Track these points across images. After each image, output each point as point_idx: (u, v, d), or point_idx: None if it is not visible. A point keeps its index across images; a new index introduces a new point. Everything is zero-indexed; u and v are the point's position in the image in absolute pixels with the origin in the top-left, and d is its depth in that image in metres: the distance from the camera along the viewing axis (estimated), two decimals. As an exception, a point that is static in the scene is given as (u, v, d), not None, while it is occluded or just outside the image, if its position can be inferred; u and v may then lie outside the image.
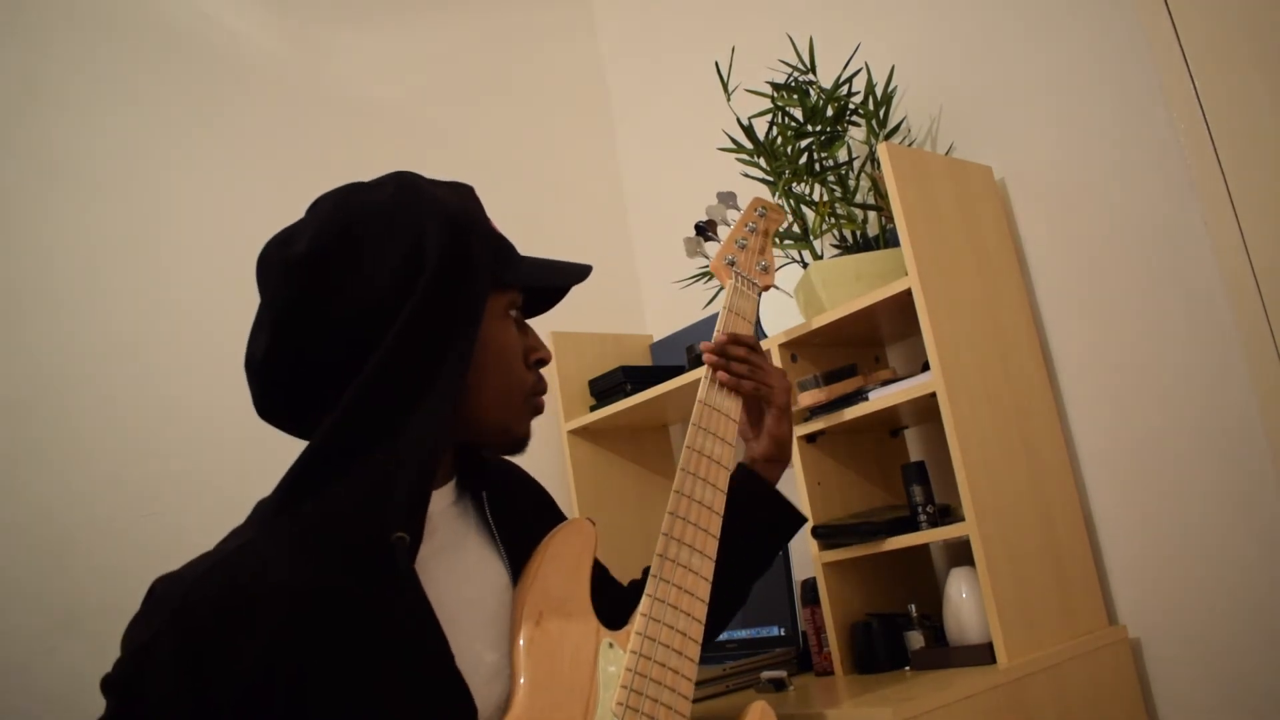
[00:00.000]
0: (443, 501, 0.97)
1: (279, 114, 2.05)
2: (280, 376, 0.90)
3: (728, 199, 1.65)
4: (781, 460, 1.18)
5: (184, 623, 0.77)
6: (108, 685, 0.78)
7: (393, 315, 0.87)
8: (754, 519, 1.13)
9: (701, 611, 0.99)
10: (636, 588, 1.12)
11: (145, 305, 1.79)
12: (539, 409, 1.01)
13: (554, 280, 1.02)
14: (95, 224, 1.78)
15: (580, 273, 1.03)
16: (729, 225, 1.35)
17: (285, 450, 0.93)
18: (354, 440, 0.85)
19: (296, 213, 0.96)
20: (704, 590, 1.00)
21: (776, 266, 1.35)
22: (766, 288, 1.27)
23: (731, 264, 1.24)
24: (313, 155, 2.05)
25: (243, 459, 1.76)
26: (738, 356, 1.14)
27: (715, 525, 1.04)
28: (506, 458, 1.05)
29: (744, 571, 1.15)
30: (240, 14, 2.06)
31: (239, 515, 0.90)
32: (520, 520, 1.03)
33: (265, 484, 0.91)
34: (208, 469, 1.75)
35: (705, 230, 1.69)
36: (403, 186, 0.93)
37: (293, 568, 0.81)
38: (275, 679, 0.77)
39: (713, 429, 1.09)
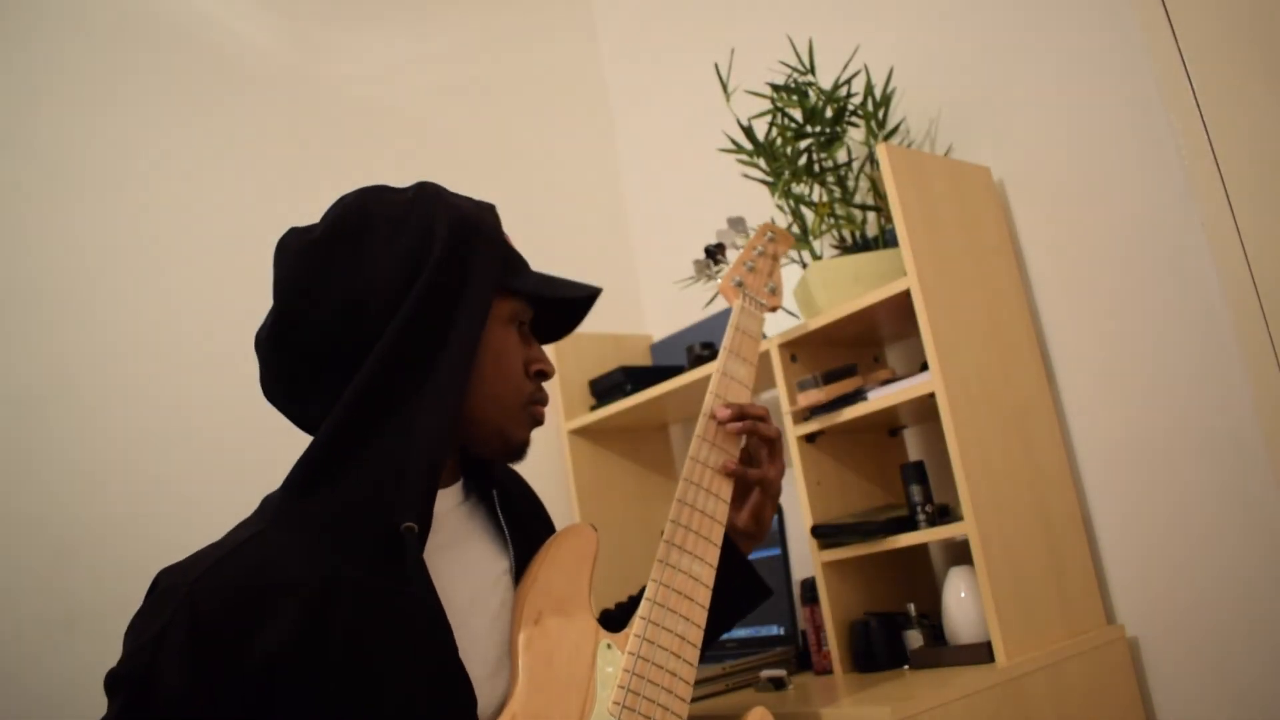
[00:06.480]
0: (450, 501, 0.98)
1: (279, 114, 2.06)
2: (280, 352, 0.91)
3: (737, 224, 1.66)
4: (758, 538, 1.17)
5: (194, 615, 0.77)
6: (115, 680, 0.78)
7: (394, 305, 0.88)
8: (727, 584, 1.09)
9: (700, 616, 1.00)
10: (634, 602, 1.13)
11: (146, 305, 1.80)
12: (538, 419, 1.00)
13: (556, 292, 1.00)
14: (97, 224, 1.78)
15: (583, 291, 1.01)
16: (738, 249, 1.37)
17: (286, 450, 0.94)
18: (359, 433, 0.86)
19: (296, 212, 0.97)
20: (704, 596, 1.01)
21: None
22: (774, 309, 1.29)
23: (740, 285, 1.26)
24: (313, 156, 2.06)
25: (244, 459, 1.77)
26: (753, 427, 1.13)
27: (717, 534, 1.05)
28: (510, 466, 1.05)
29: (707, 630, 1.12)
30: (240, 14, 2.07)
31: (240, 514, 0.91)
32: (526, 523, 1.05)
33: (265, 484, 0.92)
34: (209, 468, 1.76)
35: (714, 253, 1.70)
36: (423, 189, 0.96)
37: (301, 560, 0.82)
38: (283, 671, 0.78)
39: (716, 442, 1.11)
